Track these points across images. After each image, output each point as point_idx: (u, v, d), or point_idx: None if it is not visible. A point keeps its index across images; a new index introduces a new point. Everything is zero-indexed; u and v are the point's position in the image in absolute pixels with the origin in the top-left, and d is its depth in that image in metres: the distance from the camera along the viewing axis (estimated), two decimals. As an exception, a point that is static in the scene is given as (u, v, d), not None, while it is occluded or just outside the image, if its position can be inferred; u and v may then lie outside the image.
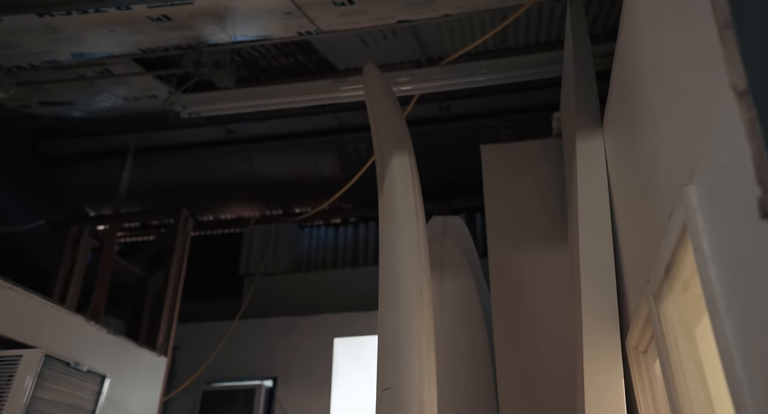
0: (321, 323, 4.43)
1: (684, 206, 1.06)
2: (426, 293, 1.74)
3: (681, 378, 1.34)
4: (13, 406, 2.28)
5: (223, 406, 4.16)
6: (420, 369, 1.54)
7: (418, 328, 1.63)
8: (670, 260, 1.22)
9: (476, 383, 2.68)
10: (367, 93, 2.40)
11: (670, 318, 1.38)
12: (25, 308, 2.59)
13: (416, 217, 1.90)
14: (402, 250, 1.80)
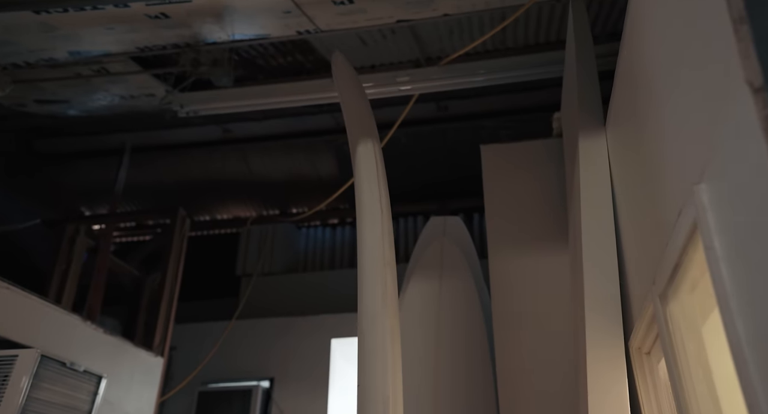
0: (318, 324, 4.41)
1: (694, 205, 1.06)
2: (390, 286, 1.72)
3: (687, 378, 1.34)
4: (8, 407, 2.25)
5: (220, 407, 4.13)
6: (384, 365, 1.53)
7: (382, 324, 1.62)
8: (678, 260, 1.21)
9: (476, 384, 2.67)
10: (336, 83, 2.40)
11: (676, 319, 1.37)
12: (21, 308, 2.56)
13: (380, 207, 1.87)
14: (366, 241, 1.79)
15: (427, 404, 2.61)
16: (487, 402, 2.54)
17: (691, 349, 1.35)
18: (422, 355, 2.72)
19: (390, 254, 1.83)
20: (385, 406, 1.47)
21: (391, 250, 1.85)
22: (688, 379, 1.34)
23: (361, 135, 2.15)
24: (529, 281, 2.54)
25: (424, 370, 2.68)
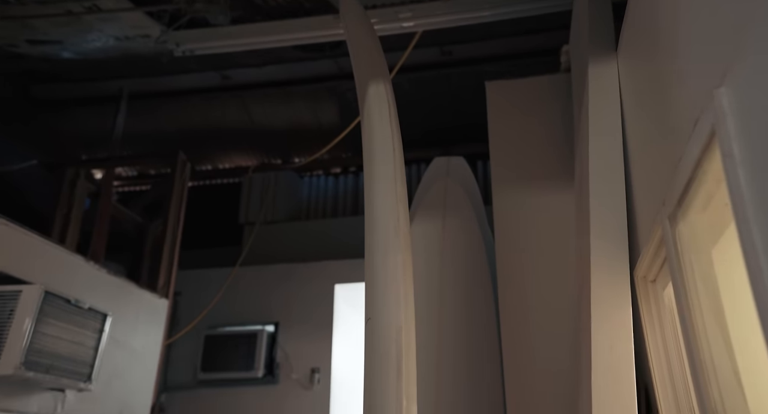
0: (321, 270, 4.43)
1: (713, 110, 1.01)
2: (403, 222, 1.70)
3: (695, 302, 1.32)
4: (15, 341, 2.27)
5: (226, 350, 4.20)
6: (396, 297, 1.52)
7: (395, 258, 1.60)
8: (691, 174, 1.17)
9: (479, 324, 2.68)
10: (344, 19, 2.31)
11: (685, 240, 1.34)
12: (22, 245, 2.55)
13: (392, 145, 1.83)
14: (378, 178, 1.76)
15: (429, 346, 2.63)
16: (490, 342, 2.55)
17: (700, 272, 1.32)
18: (425, 296, 2.72)
19: (402, 191, 1.79)
20: (398, 336, 1.46)
21: (403, 187, 1.81)
22: (695, 303, 1.32)
23: (372, 73, 2.07)
24: (533, 221, 2.51)
25: (427, 312, 2.69)
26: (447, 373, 2.50)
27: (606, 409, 1.54)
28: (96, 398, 2.87)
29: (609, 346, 1.63)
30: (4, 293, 2.34)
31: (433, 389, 2.43)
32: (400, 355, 1.43)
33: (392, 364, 1.41)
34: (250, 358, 4.16)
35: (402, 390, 1.37)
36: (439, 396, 2.43)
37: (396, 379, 1.38)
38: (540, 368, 2.22)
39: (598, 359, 1.58)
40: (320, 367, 4.22)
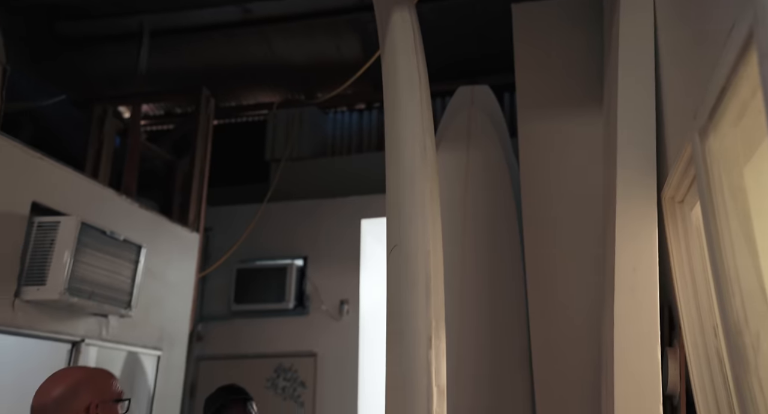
0: (348, 205, 4.47)
1: (753, 7, 0.95)
2: (429, 151, 1.68)
3: (723, 219, 1.29)
4: (58, 269, 2.38)
5: (257, 284, 4.34)
6: (424, 223, 1.52)
7: (422, 186, 1.59)
8: (726, 81, 1.12)
9: (504, 255, 2.70)
10: None
11: (716, 155, 1.30)
12: (57, 179, 2.63)
13: (418, 74, 1.79)
14: (403, 107, 1.72)
15: (453, 275, 2.66)
16: (514, 272, 2.57)
17: (730, 189, 1.29)
18: (449, 227, 2.73)
19: (429, 121, 1.76)
20: (427, 260, 1.48)
21: (429, 117, 1.78)
22: (723, 221, 1.30)
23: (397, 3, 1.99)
24: (560, 150, 2.47)
25: (451, 243, 2.71)
26: (470, 303, 2.54)
27: (628, 328, 1.56)
28: (137, 324, 3.02)
29: (633, 267, 1.63)
30: (43, 224, 2.44)
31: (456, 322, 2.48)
32: (429, 279, 1.45)
33: (421, 287, 1.43)
34: (280, 290, 4.29)
35: (431, 312, 1.39)
36: (462, 325, 2.48)
37: (425, 303, 1.40)
38: (564, 297, 2.24)
39: (621, 280, 1.59)
40: (349, 298, 4.34)
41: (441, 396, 1.30)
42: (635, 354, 1.50)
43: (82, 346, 2.65)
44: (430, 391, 1.28)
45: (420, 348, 1.33)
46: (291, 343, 4.29)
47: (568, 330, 2.09)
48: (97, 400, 1.41)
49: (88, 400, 1.40)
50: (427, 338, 1.33)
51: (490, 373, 2.37)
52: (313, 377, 4.20)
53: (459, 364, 2.38)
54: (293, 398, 4.13)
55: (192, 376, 4.20)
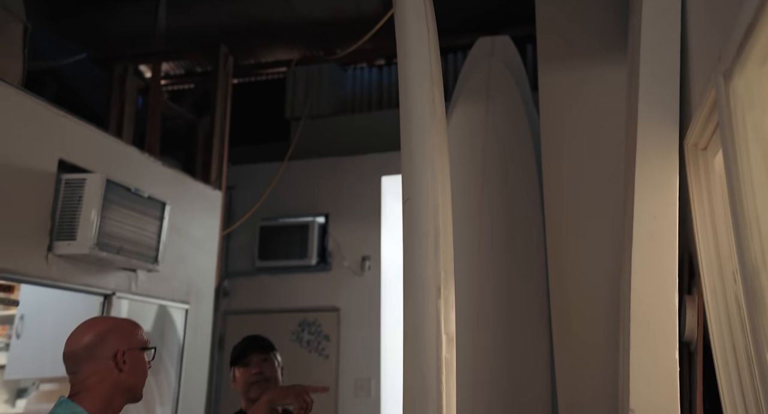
0: (368, 162, 4.48)
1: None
2: (438, 105, 1.67)
3: (745, 160, 1.27)
4: (86, 224, 2.46)
5: (281, 240, 4.41)
6: (433, 177, 1.53)
7: (430, 140, 1.60)
8: (753, 17, 1.08)
9: (523, 209, 2.69)
10: None
11: (740, 96, 1.26)
12: (82, 137, 2.68)
13: (426, 26, 1.75)
14: (412, 61, 1.70)
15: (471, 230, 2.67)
16: (534, 227, 2.56)
17: (753, 132, 1.26)
18: (468, 180, 2.73)
19: (437, 75, 1.74)
20: (435, 214, 1.49)
21: (438, 70, 1.76)
22: (745, 162, 1.27)
23: None
24: (582, 102, 2.41)
25: (469, 197, 2.70)
26: (488, 256, 2.55)
27: (646, 275, 1.56)
28: (164, 278, 3.12)
29: (653, 214, 1.61)
30: (70, 181, 2.50)
31: (474, 273, 2.50)
32: (438, 232, 1.47)
33: (431, 240, 1.45)
34: (303, 247, 4.37)
35: (440, 263, 1.42)
36: (480, 279, 2.50)
37: (434, 254, 1.43)
38: (584, 250, 2.24)
39: (640, 227, 1.58)
40: (370, 255, 4.40)
41: (450, 343, 1.34)
42: (652, 300, 1.50)
43: (114, 299, 2.75)
44: (440, 339, 1.33)
45: (429, 297, 1.37)
46: (314, 298, 4.39)
47: (587, 283, 2.10)
48: (123, 348, 1.46)
49: (115, 348, 1.45)
50: (436, 288, 1.38)
51: (509, 327, 2.40)
52: (337, 331, 4.31)
53: (478, 318, 2.41)
54: (317, 351, 4.26)
55: (220, 330, 4.34)
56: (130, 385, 1.47)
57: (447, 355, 1.33)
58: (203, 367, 3.46)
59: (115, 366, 1.44)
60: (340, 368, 4.22)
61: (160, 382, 3.15)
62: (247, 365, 2.06)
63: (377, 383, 4.13)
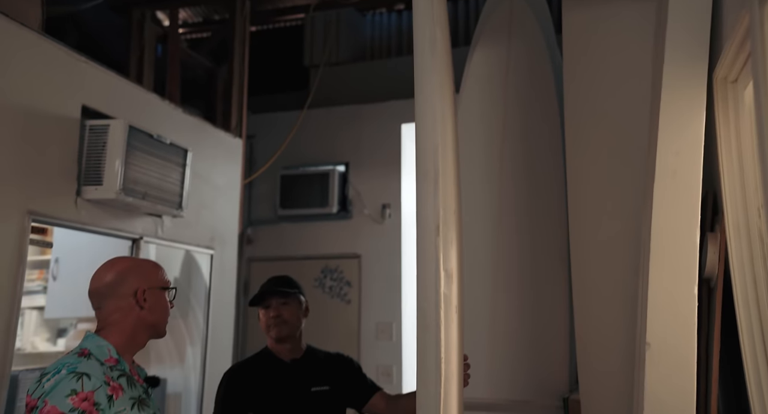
0: (388, 110, 4.44)
1: None
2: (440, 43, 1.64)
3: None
4: (111, 170, 2.50)
5: (301, 188, 4.45)
6: (434, 118, 1.53)
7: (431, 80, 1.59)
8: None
9: (544, 152, 2.66)
10: None
11: (774, 23, 1.21)
12: (103, 83, 2.70)
13: None
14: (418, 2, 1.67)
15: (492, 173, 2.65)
16: (554, 169, 2.53)
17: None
18: (488, 123, 2.69)
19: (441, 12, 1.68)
20: (435, 154, 1.50)
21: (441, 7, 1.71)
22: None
23: None
24: (608, 43, 2.33)
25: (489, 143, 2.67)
26: (508, 199, 2.55)
27: (667, 212, 1.55)
28: (189, 224, 3.19)
29: (676, 151, 1.59)
30: (95, 127, 2.54)
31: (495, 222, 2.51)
32: (437, 172, 1.47)
33: (430, 180, 1.46)
34: (324, 195, 4.41)
35: (440, 202, 1.44)
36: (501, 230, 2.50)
37: (434, 194, 1.45)
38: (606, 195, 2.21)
39: (662, 164, 1.56)
40: (390, 202, 4.43)
41: (449, 279, 1.39)
42: (673, 237, 1.50)
43: (142, 243, 2.83)
44: (438, 275, 1.37)
45: (429, 235, 1.40)
46: (336, 245, 4.46)
47: (607, 225, 2.09)
48: (144, 287, 1.50)
49: (135, 286, 1.49)
50: (435, 227, 1.41)
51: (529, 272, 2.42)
52: (358, 277, 4.39)
53: (498, 263, 2.43)
54: (340, 296, 4.36)
55: (245, 276, 4.46)
56: (152, 322, 1.52)
57: (446, 291, 1.37)
58: (229, 309, 3.58)
59: (135, 303, 1.49)
60: (361, 313, 4.32)
61: (189, 325, 3.28)
62: (267, 307, 2.12)
63: (398, 327, 4.23)
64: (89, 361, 1.39)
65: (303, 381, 2.11)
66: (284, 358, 2.13)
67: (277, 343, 2.13)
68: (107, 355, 1.44)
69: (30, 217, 2.26)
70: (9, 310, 2.14)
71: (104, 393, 1.35)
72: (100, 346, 1.45)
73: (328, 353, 2.26)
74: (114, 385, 1.38)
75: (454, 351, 1.36)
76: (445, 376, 1.34)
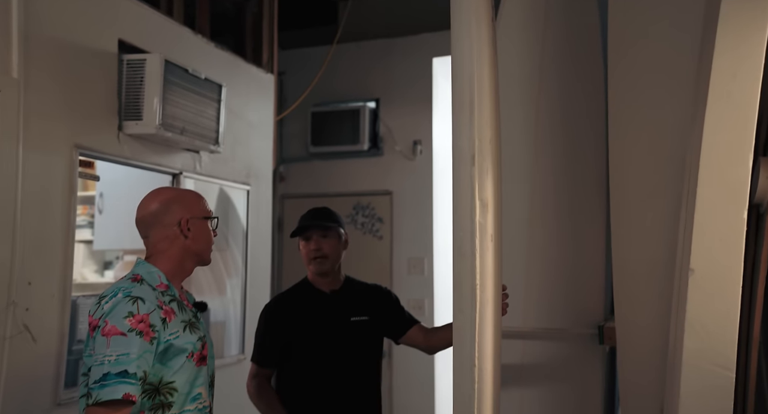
0: (419, 43, 4.34)
1: None
2: None
3: None
4: (150, 105, 2.53)
5: (332, 126, 4.45)
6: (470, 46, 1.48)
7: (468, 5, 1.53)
8: None
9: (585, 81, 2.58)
10: None
11: None
12: (137, 17, 2.68)
13: None
14: None
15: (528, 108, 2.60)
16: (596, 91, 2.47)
17: None
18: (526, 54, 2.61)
19: None
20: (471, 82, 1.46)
21: None
22: None
23: None
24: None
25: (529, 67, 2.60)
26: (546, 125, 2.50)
27: (719, 135, 1.51)
28: (225, 160, 3.24)
29: (732, 73, 1.53)
30: (131, 61, 2.54)
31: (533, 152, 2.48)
32: (473, 101, 1.44)
33: (466, 109, 1.44)
34: (355, 132, 4.39)
35: (475, 132, 1.42)
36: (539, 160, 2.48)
37: (469, 123, 1.42)
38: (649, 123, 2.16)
39: (717, 86, 1.51)
40: (422, 139, 4.40)
41: (484, 208, 1.39)
42: (723, 160, 1.47)
43: (181, 178, 2.90)
44: (474, 204, 1.36)
45: (465, 165, 1.39)
46: (367, 182, 4.48)
47: (650, 148, 2.05)
48: (187, 216, 1.55)
49: (179, 216, 1.55)
50: (471, 156, 1.39)
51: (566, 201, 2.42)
52: (390, 213, 4.44)
53: (535, 192, 2.43)
54: (372, 232, 4.43)
55: (279, 213, 4.54)
56: (197, 250, 1.58)
57: (481, 220, 1.37)
58: (266, 243, 3.68)
59: (180, 232, 1.55)
60: (393, 248, 4.40)
61: (225, 258, 3.38)
62: (307, 240, 2.17)
63: (430, 262, 4.31)
64: (142, 286, 1.47)
65: (342, 311, 2.18)
66: (324, 289, 2.20)
67: (317, 275, 2.20)
68: (158, 281, 1.51)
69: (77, 150, 2.31)
70: (65, 239, 2.24)
71: (158, 316, 1.43)
72: (151, 272, 1.52)
73: (366, 284, 2.33)
74: (166, 309, 1.46)
75: (489, 278, 1.38)
76: (481, 302, 1.36)
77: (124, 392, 1.33)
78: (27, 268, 2.05)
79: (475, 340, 1.34)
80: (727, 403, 1.42)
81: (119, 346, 1.36)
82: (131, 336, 1.37)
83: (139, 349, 1.37)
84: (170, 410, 1.45)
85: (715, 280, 1.47)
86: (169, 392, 1.44)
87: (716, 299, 1.47)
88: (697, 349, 1.46)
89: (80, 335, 2.37)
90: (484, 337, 1.36)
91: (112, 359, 1.34)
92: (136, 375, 1.35)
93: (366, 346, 2.19)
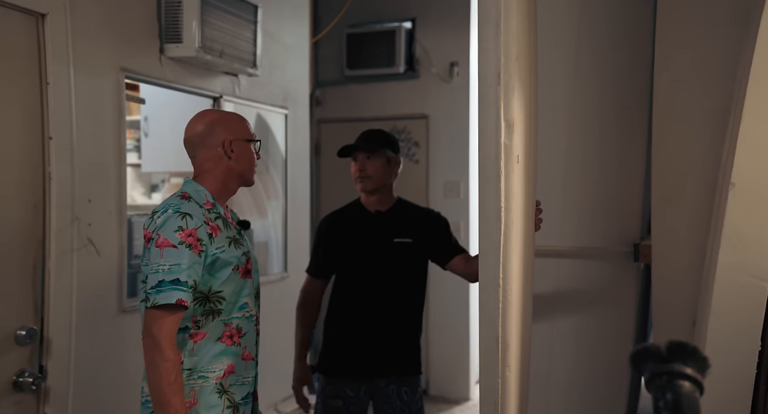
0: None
1: None
2: None
3: None
4: (189, 28, 2.54)
5: (368, 48, 4.38)
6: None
7: None
8: None
9: None
10: None
11: None
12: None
13: None
14: None
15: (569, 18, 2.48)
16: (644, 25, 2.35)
17: None
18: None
19: None
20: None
21: None
22: None
23: None
24: None
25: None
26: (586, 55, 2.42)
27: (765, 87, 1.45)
28: (263, 83, 3.26)
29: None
30: (168, -18, 2.54)
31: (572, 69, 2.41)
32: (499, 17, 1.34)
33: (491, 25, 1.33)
34: (390, 55, 4.32)
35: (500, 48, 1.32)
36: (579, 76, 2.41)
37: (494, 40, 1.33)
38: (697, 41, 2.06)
39: None
40: (459, 60, 4.31)
41: (509, 129, 1.31)
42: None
43: (222, 101, 2.95)
44: (499, 124, 1.30)
45: (490, 84, 1.32)
46: (403, 106, 4.46)
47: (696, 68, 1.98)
48: (230, 138, 1.61)
49: (223, 137, 1.60)
50: (496, 74, 1.31)
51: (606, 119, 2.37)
52: (426, 137, 4.44)
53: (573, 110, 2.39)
54: (408, 156, 4.45)
55: (315, 137, 4.59)
56: (240, 171, 1.64)
57: (506, 141, 1.30)
58: (305, 166, 3.75)
59: (224, 154, 1.61)
60: (429, 172, 4.43)
61: (264, 181, 3.48)
62: (354, 160, 2.22)
63: (466, 185, 4.34)
64: (190, 203, 1.55)
65: (386, 232, 2.22)
66: (370, 209, 2.26)
67: (364, 194, 2.25)
68: (204, 199, 1.59)
69: (123, 73, 2.37)
70: (117, 158, 2.35)
71: (205, 231, 1.52)
72: (198, 190, 1.60)
73: (418, 207, 2.35)
74: (212, 225, 1.55)
75: (516, 201, 1.34)
76: (506, 225, 1.31)
77: (177, 298, 1.45)
78: (86, 187, 2.17)
79: (499, 262, 1.31)
80: (758, 318, 1.46)
81: (171, 257, 1.46)
82: (181, 248, 1.47)
83: (189, 260, 1.47)
84: (220, 316, 1.57)
85: (755, 194, 1.48)
86: (218, 300, 1.56)
87: (755, 212, 1.47)
88: (732, 262, 1.48)
89: (136, 250, 2.53)
90: (509, 261, 1.32)
91: (165, 268, 1.46)
92: (187, 283, 1.46)
93: (408, 268, 2.24)
